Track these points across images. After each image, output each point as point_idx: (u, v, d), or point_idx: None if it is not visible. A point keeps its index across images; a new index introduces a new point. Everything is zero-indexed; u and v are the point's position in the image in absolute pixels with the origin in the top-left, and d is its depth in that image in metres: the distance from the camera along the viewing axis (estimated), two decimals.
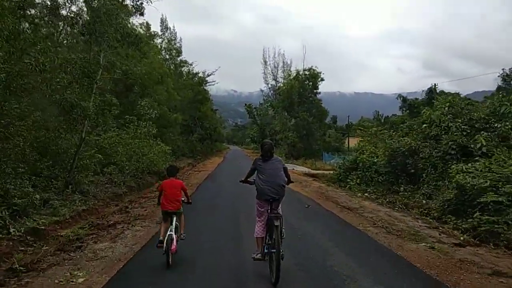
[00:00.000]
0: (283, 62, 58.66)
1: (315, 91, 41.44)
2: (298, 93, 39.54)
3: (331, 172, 21.05)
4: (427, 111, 15.00)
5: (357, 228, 8.40)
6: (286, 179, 5.33)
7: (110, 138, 16.98)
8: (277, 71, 59.47)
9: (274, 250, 4.69)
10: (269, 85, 60.56)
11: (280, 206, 5.29)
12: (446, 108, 13.72)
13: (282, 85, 47.16)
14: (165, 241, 5.31)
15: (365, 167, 15.16)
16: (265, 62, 60.56)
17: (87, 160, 12.49)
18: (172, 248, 5.29)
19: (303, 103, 40.42)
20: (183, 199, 5.93)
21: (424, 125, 13.30)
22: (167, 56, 44.63)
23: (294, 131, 38.76)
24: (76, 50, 15.14)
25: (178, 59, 44.05)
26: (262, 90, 61.53)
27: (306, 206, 11.49)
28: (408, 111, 42.18)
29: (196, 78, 48.06)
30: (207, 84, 51.21)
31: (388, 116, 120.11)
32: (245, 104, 76.20)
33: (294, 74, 41.18)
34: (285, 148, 39.86)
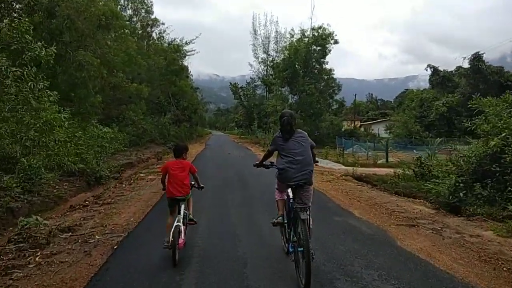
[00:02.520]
0: (276, 31, 49.01)
1: (321, 60, 32.04)
2: (303, 61, 30.16)
3: (396, 171, 12.25)
4: None
5: None
6: (313, 160, 4.27)
7: None
8: (269, 43, 49.81)
9: (302, 249, 3.64)
10: (259, 59, 50.88)
11: (310, 196, 4.07)
12: None
13: (280, 52, 37.16)
14: (171, 233, 4.17)
15: None
16: (255, 31, 50.72)
17: None
18: (179, 242, 4.19)
19: (308, 75, 31.11)
20: (192, 182, 4.86)
21: None
22: (130, 12, 34.40)
23: (298, 111, 29.58)
24: None
25: (143, 13, 33.80)
26: (251, 65, 51.73)
27: None
28: (438, 85, 33.58)
29: (170, 44, 38.04)
30: (187, 54, 41.17)
31: (381, 99, 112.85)
32: (230, 83, 66.72)
33: (299, 36, 31.72)
34: None
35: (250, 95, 60.98)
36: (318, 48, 31.03)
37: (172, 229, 4.22)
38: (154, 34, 36.21)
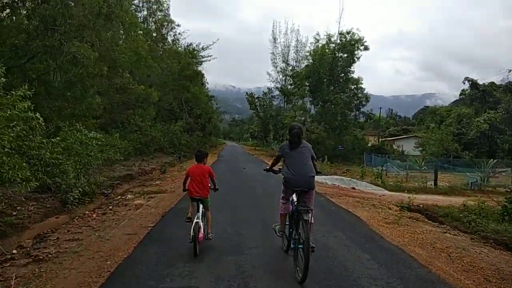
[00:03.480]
0: (297, 40, 46.38)
1: (347, 69, 29.19)
2: (329, 69, 27.38)
3: (465, 203, 9.41)
4: None
5: None
6: (315, 169, 4.71)
7: None
8: (289, 52, 47.34)
9: (302, 246, 4.16)
10: (278, 68, 48.38)
11: (312, 200, 4.58)
12: None
13: (303, 59, 34.10)
14: (192, 229, 4.78)
15: None
16: (274, 39, 48.32)
17: None
18: (199, 236, 4.81)
19: (333, 83, 28.32)
20: (210, 185, 5.43)
21: None
22: (145, 13, 32.46)
23: (321, 122, 26.73)
24: None
25: (159, 14, 31.76)
26: (269, 74, 49.26)
27: None
28: (477, 100, 30.25)
29: (186, 49, 35.95)
30: (202, 60, 39.02)
31: (399, 116, 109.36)
32: (246, 93, 64.68)
33: (324, 41, 28.91)
34: None
35: (266, 106, 58.85)
36: (345, 55, 28.27)
37: (193, 225, 4.76)
38: (169, 38, 34.13)
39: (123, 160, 19.67)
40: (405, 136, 57.12)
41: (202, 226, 4.88)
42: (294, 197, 4.69)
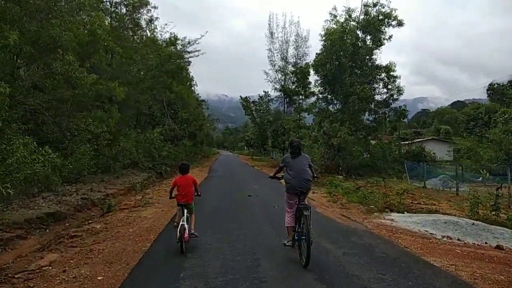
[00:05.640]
0: (297, 34, 40.00)
1: (367, 56, 22.71)
2: (351, 53, 20.89)
3: None
4: None
5: None
6: (312, 174, 5.63)
7: None
8: (288, 47, 40.95)
9: (304, 237, 4.95)
10: (276, 67, 41.91)
11: (306, 198, 5.59)
12: None
13: (319, 39, 26.18)
14: (178, 231, 5.55)
15: None
16: (271, 34, 41.84)
17: None
18: (184, 236, 5.50)
19: (356, 72, 21.82)
20: (194, 193, 6.25)
21: None
22: None
23: (346, 122, 20.18)
24: None
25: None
26: (266, 73, 42.60)
27: None
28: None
29: (167, 40, 29.45)
30: (188, 56, 32.55)
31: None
32: (241, 97, 57.85)
33: (343, 18, 22.24)
34: (321, 154, 21.12)
35: (263, 111, 52.53)
36: (369, 36, 21.95)
37: (179, 228, 5.57)
38: (147, 29, 27.54)
39: (65, 184, 13.10)
40: (420, 139, 51.13)
41: (187, 228, 5.64)
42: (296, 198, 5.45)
